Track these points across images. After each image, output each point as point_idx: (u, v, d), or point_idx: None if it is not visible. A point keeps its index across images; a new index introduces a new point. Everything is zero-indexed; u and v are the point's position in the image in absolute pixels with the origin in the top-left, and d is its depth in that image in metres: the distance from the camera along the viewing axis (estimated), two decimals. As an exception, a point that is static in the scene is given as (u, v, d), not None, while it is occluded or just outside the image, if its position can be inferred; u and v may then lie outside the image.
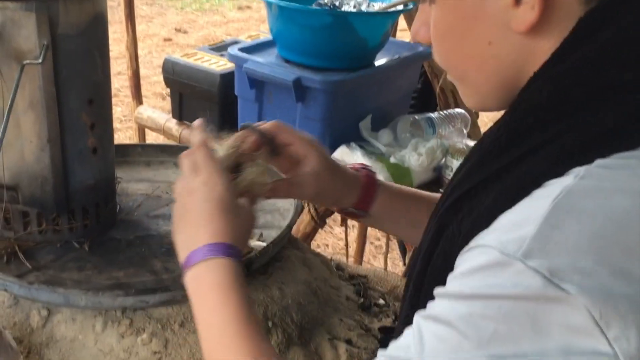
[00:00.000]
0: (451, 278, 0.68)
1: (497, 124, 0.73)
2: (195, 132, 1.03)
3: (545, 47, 0.70)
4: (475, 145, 0.77)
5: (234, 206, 0.95)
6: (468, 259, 0.66)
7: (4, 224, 1.32)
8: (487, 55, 0.74)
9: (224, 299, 0.88)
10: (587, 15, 0.67)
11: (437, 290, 0.69)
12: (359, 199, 1.15)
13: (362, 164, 1.21)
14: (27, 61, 1.16)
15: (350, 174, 1.16)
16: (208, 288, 0.89)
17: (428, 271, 0.77)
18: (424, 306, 0.71)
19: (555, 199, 0.61)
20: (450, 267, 0.69)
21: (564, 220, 0.60)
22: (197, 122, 1.06)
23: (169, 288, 1.21)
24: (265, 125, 1.10)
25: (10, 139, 1.22)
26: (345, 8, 2.08)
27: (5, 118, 1.15)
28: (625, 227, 0.59)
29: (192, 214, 0.95)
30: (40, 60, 1.16)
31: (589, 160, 0.63)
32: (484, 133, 0.76)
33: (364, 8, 2.08)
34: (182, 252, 0.95)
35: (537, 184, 0.64)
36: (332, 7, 2.07)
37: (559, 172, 0.64)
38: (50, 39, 1.18)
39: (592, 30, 0.66)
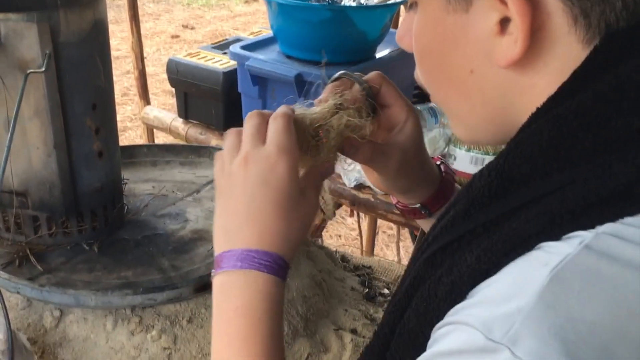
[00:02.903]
0: (428, 356, 0.57)
1: (489, 167, 0.61)
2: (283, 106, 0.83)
3: (540, 84, 0.60)
4: (463, 187, 0.65)
5: (295, 198, 0.77)
6: (446, 336, 0.56)
7: (15, 229, 1.36)
8: (470, 85, 0.64)
9: (249, 332, 0.74)
10: (596, 50, 0.56)
11: None
12: (433, 196, 0.95)
13: (440, 158, 1.00)
14: (31, 70, 1.20)
15: (432, 163, 0.95)
16: (233, 309, 0.75)
17: (397, 330, 0.66)
18: None
19: (554, 269, 0.51)
20: (422, 333, 0.61)
21: (563, 299, 0.49)
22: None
23: (177, 285, 1.25)
24: (370, 75, 0.89)
25: (18, 146, 1.25)
26: (344, 2, 2.10)
27: (11, 126, 1.19)
28: (634, 317, 0.49)
29: (239, 197, 0.77)
30: (43, 69, 1.19)
31: (594, 223, 0.52)
32: (474, 175, 0.63)
33: (362, 1, 2.11)
34: (217, 242, 0.79)
35: (529, 245, 0.54)
36: (331, 1, 2.09)
37: (556, 234, 0.53)
38: (52, 47, 1.21)
39: (605, 66, 0.56)
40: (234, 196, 0.77)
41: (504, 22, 0.58)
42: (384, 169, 0.90)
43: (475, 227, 0.60)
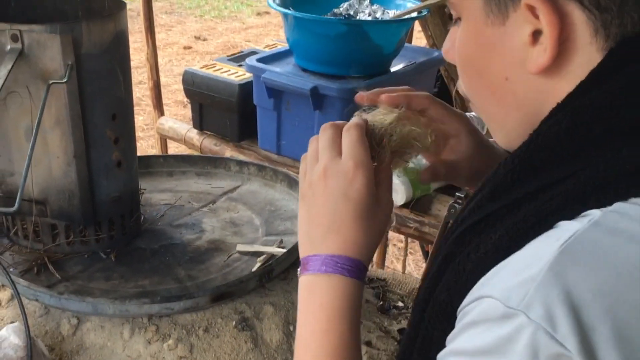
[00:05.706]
0: (456, 331, 0.64)
1: (513, 155, 0.68)
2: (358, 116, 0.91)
3: (564, 89, 0.66)
4: (490, 173, 0.71)
5: (372, 208, 0.84)
6: (472, 310, 0.62)
7: (33, 237, 1.37)
8: (505, 91, 0.72)
9: (330, 325, 0.82)
10: (611, 53, 0.63)
11: (443, 351, 0.66)
12: None
13: None
14: (53, 81, 1.21)
15: (500, 151, 1.01)
16: (318, 306, 0.83)
17: (430, 303, 0.72)
18: (422, 339, 0.72)
19: (564, 244, 0.57)
20: (452, 304, 0.66)
21: (570, 269, 0.56)
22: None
23: (193, 295, 1.26)
24: (419, 95, 0.98)
25: (39, 155, 1.27)
26: (360, 16, 2.12)
27: (33, 136, 1.20)
28: (633, 284, 0.55)
29: (321, 208, 0.84)
30: (65, 80, 1.21)
31: (605, 203, 0.59)
32: (499, 163, 0.70)
33: (378, 16, 2.12)
34: (303, 246, 0.87)
35: (547, 224, 0.61)
36: (347, 16, 2.11)
37: (572, 214, 0.60)
38: (75, 58, 1.23)
39: (618, 67, 0.63)
40: (317, 206, 0.85)
41: (536, 34, 0.66)
42: (459, 180, 1.02)
43: (500, 209, 0.67)
